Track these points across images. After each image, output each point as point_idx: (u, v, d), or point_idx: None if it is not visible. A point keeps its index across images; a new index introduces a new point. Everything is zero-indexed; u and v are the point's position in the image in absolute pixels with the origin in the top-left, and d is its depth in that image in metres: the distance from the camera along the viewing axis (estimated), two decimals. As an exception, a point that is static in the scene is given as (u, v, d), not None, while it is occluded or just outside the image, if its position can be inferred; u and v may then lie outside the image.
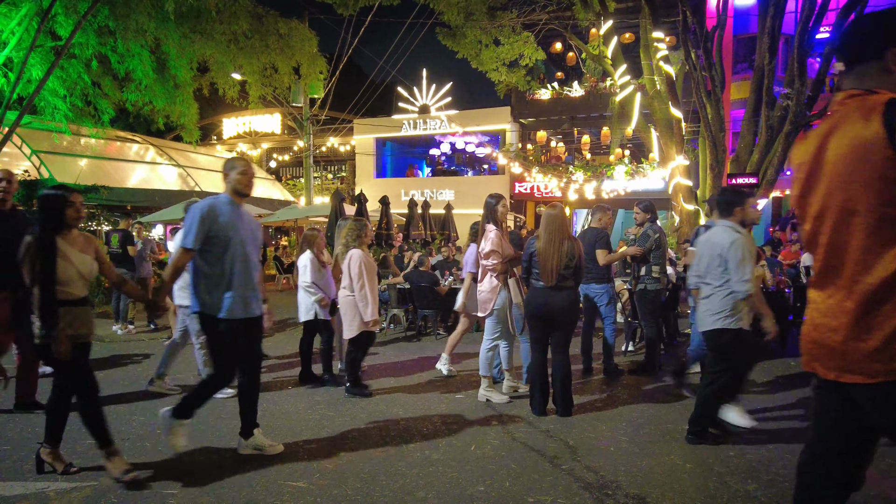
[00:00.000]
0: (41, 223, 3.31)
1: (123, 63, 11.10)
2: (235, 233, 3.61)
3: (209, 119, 21.93)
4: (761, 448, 3.94)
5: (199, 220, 3.48)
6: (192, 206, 3.70)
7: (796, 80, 10.88)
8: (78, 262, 3.36)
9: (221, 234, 3.54)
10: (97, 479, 3.45)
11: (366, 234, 5.27)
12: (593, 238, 5.80)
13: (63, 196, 3.35)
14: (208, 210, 3.53)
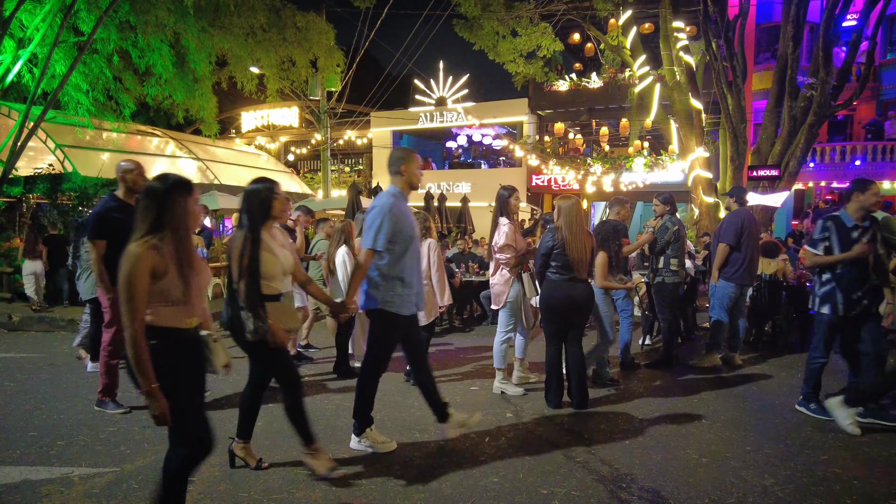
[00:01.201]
0: (249, 217, 3.16)
1: (144, 58, 11.25)
2: (413, 230, 3.61)
3: (228, 112, 22.12)
4: (780, 443, 3.89)
5: (388, 221, 3.44)
6: (378, 205, 3.54)
7: (821, 69, 10.63)
8: (281, 257, 3.29)
9: (405, 232, 3.53)
10: (119, 465, 3.53)
11: (430, 225, 5.50)
12: (609, 231, 5.74)
13: (273, 189, 3.24)
14: (393, 209, 3.48)
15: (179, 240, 2.38)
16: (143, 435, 4.03)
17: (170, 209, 2.38)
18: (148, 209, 2.38)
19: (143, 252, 2.30)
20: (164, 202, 2.37)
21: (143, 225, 2.37)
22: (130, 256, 2.29)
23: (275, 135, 23.43)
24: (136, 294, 2.27)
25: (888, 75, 18.32)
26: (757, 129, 13.56)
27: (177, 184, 2.42)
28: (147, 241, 2.33)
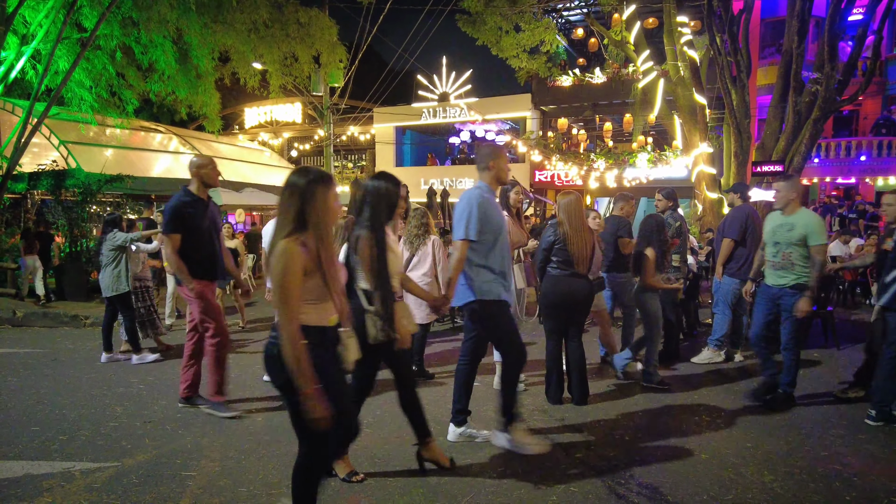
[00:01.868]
0: (374, 215, 3.08)
1: (147, 54, 11.26)
2: (502, 222, 3.68)
3: (231, 109, 22.15)
4: (780, 440, 3.88)
5: (477, 211, 3.51)
6: (465, 198, 3.59)
7: (826, 64, 10.55)
8: (398, 256, 3.30)
9: (494, 223, 3.59)
10: (120, 459, 3.55)
11: (428, 222, 5.55)
12: (615, 226, 5.73)
13: (399, 188, 3.22)
14: (483, 202, 3.55)
15: (321, 235, 2.31)
16: (145, 430, 4.06)
17: (312, 204, 2.30)
18: (290, 205, 2.30)
19: (295, 249, 2.22)
20: (305, 197, 2.29)
21: (287, 221, 2.30)
22: (283, 254, 2.22)
23: (278, 131, 23.45)
24: (291, 293, 2.22)
25: (895, 70, 18.18)
26: (761, 125, 13.48)
27: (318, 178, 2.34)
28: (296, 238, 2.26)
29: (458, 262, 3.52)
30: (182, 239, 4.23)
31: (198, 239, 4.30)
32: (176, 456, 3.61)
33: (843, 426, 4.13)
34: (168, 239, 4.22)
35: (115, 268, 5.94)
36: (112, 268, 5.93)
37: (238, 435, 3.96)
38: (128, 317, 6.01)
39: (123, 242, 5.95)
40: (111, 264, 5.93)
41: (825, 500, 3.07)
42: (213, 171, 4.43)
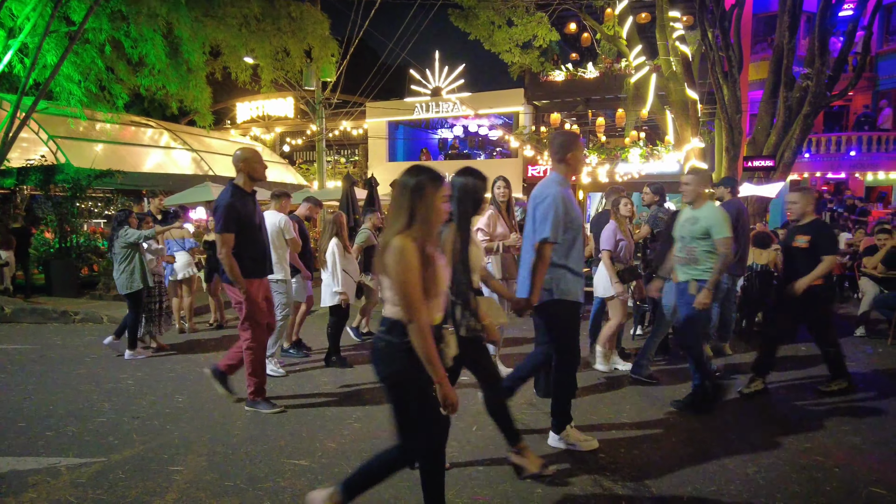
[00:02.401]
0: (461, 210, 3.07)
1: (136, 48, 11.16)
2: (580, 218, 3.55)
3: (222, 103, 22.01)
4: (764, 432, 3.92)
5: (561, 210, 3.36)
6: (548, 195, 3.40)
7: (817, 59, 10.60)
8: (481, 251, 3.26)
9: (575, 221, 3.47)
10: (107, 455, 3.54)
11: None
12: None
13: (484, 183, 3.19)
14: (563, 200, 3.39)
15: (429, 233, 2.32)
16: (133, 426, 4.05)
17: (421, 202, 2.31)
18: (401, 202, 2.33)
19: (411, 245, 2.24)
20: (416, 195, 2.31)
21: (399, 219, 2.31)
22: (400, 252, 2.23)
23: (270, 125, 23.34)
24: (413, 287, 2.23)
25: (885, 65, 18.27)
26: (752, 120, 13.55)
27: (429, 177, 2.35)
28: (410, 235, 2.27)
29: (543, 264, 3.34)
30: (234, 237, 4.10)
31: (250, 235, 4.20)
32: (163, 451, 3.61)
33: (827, 418, 4.17)
34: (222, 239, 4.06)
35: (129, 265, 5.86)
36: (126, 265, 5.86)
37: (227, 430, 3.96)
38: (133, 315, 5.97)
39: (136, 239, 5.88)
40: (124, 262, 5.87)
41: (806, 491, 3.10)
42: (259, 163, 4.33)
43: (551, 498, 3.02)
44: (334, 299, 5.50)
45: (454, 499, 3.01)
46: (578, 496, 3.04)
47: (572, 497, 3.03)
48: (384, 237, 2.33)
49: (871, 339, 6.71)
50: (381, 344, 2.36)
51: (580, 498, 3.02)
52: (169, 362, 5.83)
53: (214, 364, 4.43)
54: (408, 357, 2.28)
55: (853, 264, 9.22)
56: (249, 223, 4.20)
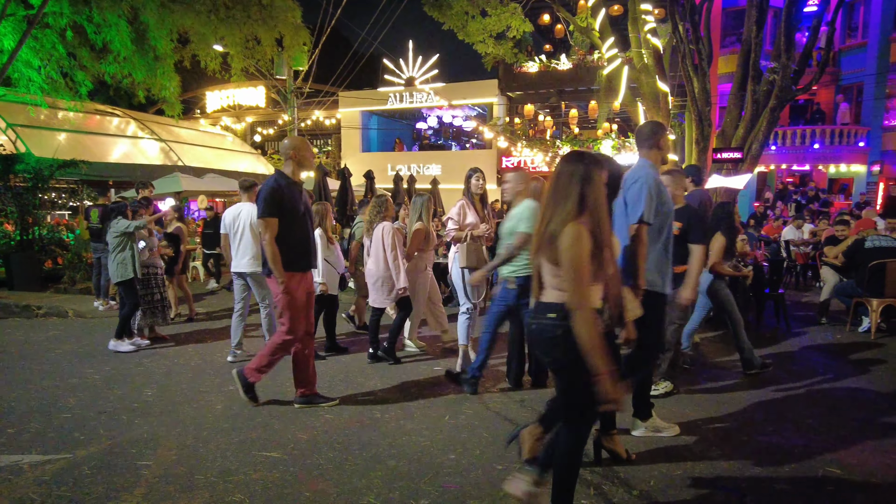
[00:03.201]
0: None
1: (100, 33, 10.82)
2: (670, 204, 3.49)
3: (192, 92, 21.54)
4: (729, 417, 4.03)
5: (654, 193, 3.26)
6: (640, 178, 3.26)
7: (783, 54, 10.82)
8: None
9: (666, 206, 3.38)
10: (72, 451, 3.47)
11: (387, 208, 5.47)
12: None
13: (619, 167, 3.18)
14: (656, 182, 3.32)
15: (599, 218, 2.33)
16: (99, 421, 3.97)
17: (591, 188, 2.33)
18: (570, 189, 2.33)
19: (585, 232, 2.26)
20: (585, 181, 2.32)
21: (566, 206, 2.32)
22: (576, 238, 2.25)
23: (241, 115, 22.93)
24: (584, 274, 2.25)
25: (847, 60, 18.77)
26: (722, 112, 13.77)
27: (595, 162, 2.37)
28: (582, 221, 2.29)
29: (643, 247, 3.22)
30: (279, 225, 3.94)
31: (294, 225, 4.02)
32: (131, 446, 3.55)
33: (787, 402, 4.31)
34: (265, 224, 3.89)
35: (121, 253, 5.86)
36: (117, 253, 5.86)
37: (197, 423, 3.91)
38: (128, 304, 5.92)
39: (126, 228, 5.85)
40: (116, 250, 5.86)
41: (767, 473, 3.20)
42: (308, 152, 4.20)
43: (522, 485, 3.06)
44: (316, 289, 5.46)
45: (425, 487, 3.03)
46: (548, 482, 3.08)
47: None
48: (553, 225, 2.32)
49: (832, 325, 6.94)
50: (559, 331, 2.33)
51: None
52: (137, 356, 5.72)
53: (240, 368, 4.30)
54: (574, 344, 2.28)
55: (816, 254, 9.50)
56: (294, 212, 4.02)
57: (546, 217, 2.37)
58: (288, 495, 2.95)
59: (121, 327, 5.91)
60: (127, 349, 5.87)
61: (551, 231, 2.32)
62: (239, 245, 5.45)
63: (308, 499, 2.92)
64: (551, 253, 2.31)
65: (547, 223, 2.35)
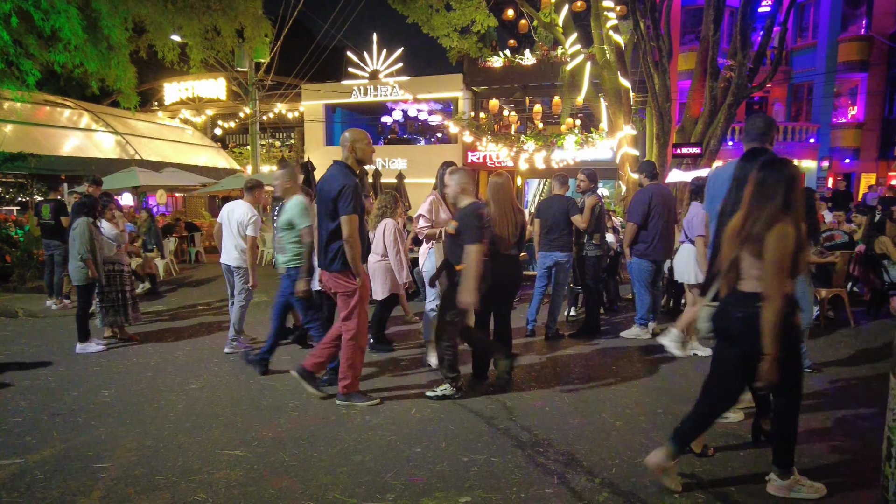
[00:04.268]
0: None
1: (48, 20, 10.36)
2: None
3: (149, 84, 20.88)
4: (687, 405, 4.13)
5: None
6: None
7: (739, 52, 11.15)
8: None
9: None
10: (23, 456, 3.35)
11: (396, 206, 5.74)
12: (564, 205, 5.84)
13: None
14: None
15: (799, 218, 2.63)
16: (53, 423, 3.84)
17: (794, 192, 2.63)
18: (776, 192, 2.63)
19: (792, 231, 2.57)
20: (790, 187, 2.62)
21: (774, 206, 2.62)
22: (785, 237, 2.56)
23: (200, 108, 22.37)
24: (785, 270, 2.57)
25: (799, 60, 19.46)
26: (682, 108, 14.14)
27: (797, 170, 2.68)
28: (788, 221, 2.59)
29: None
30: None
31: (361, 220, 3.98)
32: (87, 448, 3.45)
33: (743, 390, 4.47)
34: (350, 221, 3.82)
35: None
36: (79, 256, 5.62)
37: (156, 423, 3.82)
38: (80, 305, 5.70)
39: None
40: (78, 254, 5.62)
41: (722, 457, 3.32)
42: (368, 145, 4.13)
43: (487, 476, 3.09)
44: None
45: (391, 481, 3.03)
46: (513, 471, 3.13)
47: (508, 472, 3.11)
48: (759, 224, 2.62)
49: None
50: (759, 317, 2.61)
51: (514, 473, 3.11)
52: (94, 356, 5.54)
53: (299, 364, 4.23)
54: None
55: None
56: (362, 207, 4.01)
57: (751, 216, 2.68)
58: (252, 493, 2.91)
59: (81, 329, 5.70)
60: (95, 349, 5.67)
61: (757, 229, 2.63)
62: (228, 239, 5.60)
63: (273, 496, 2.89)
64: (755, 248, 2.63)
65: (753, 221, 2.66)
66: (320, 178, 4.11)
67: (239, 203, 5.63)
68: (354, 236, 3.85)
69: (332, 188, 3.89)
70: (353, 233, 3.84)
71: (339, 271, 3.95)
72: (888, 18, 17.92)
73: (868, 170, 18.73)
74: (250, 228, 5.47)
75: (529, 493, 2.92)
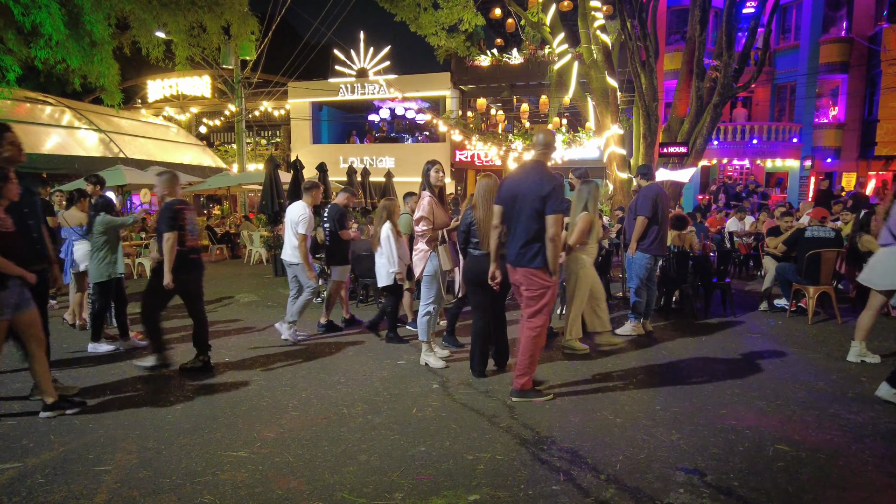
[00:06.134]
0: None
1: (28, 15, 10.16)
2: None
3: (132, 81, 20.58)
4: (685, 402, 4.21)
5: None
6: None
7: (724, 52, 11.31)
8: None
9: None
10: (21, 459, 3.29)
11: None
12: None
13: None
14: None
15: None
16: (49, 426, 3.78)
17: None
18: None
19: None
20: None
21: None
22: None
23: (185, 105, 22.11)
24: None
25: (781, 61, 19.78)
26: (668, 108, 14.28)
27: None
28: None
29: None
30: None
31: None
32: (87, 451, 3.40)
33: (738, 385, 4.54)
34: (559, 221, 3.97)
35: (106, 252, 5.62)
36: (102, 252, 5.60)
37: (156, 425, 3.78)
38: (99, 304, 5.69)
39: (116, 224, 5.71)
40: (101, 248, 5.60)
41: (722, 452, 3.38)
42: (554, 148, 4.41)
43: (493, 473, 3.11)
44: (390, 279, 5.80)
45: (398, 480, 3.04)
46: (518, 469, 3.15)
47: (514, 470, 3.13)
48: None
49: (773, 313, 7.33)
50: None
51: (521, 470, 3.13)
52: (87, 358, 5.46)
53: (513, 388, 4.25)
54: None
55: (757, 244, 10.00)
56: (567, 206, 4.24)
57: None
58: (259, 494, 2.90)
59: (95, 328, 5.68)
60: (106, 349, 5.64)
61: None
62: (286, 237, 6.04)
63: (280, 497, 2.88)
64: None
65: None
66: (512, 178, 4.21)
67: (296, 203, 5.99)
68: (560, 235, 4.02)
69: (543, 188, 3.96)
70: (559, 232, 3.98)
71: (540, 268, 4.04)
72: (868, 21, 18.29)
73: (849, 169, 19.11)
74: (301, 226, 5.80)
75: (537, 490, 2.94)
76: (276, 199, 11.09)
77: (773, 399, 4.25)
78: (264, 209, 11.64)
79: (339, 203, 6.51)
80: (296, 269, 5.94)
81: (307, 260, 5.86)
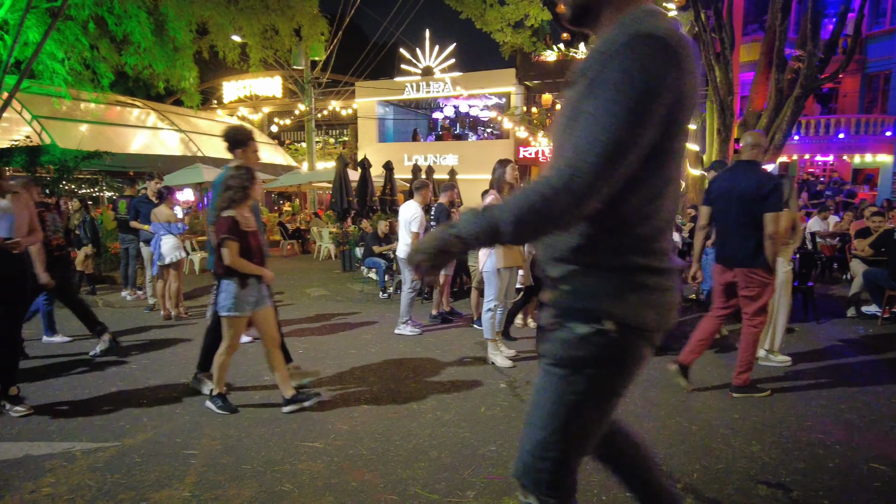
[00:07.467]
0: None
1: (121, 25, 10.91)
2: None
3: (209, 83, 21.65)
4: (766, 411, 4.02)
5: None
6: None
7: (809, 41, 10.65)
8: None
9: None
10: (119, 440, 3.55)
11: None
12: None
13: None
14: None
15: None
16: (142, 410, 4.05)
17: None
18: None
19: None
20: None
21: None
22: None
23: (258, 105, 23.03)
24: None
25: (874, 48, 18.41)
26: (744, 102, 13.61)
27: None
28: None
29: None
30: None
31: None
32: (175, 435, 3.63)
33: (824, 396, 4.29)
34: (778, 217, 4.01)
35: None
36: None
37: (236, 415, 3.97)
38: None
39: None
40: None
41: (809, 467, 3.20)
42: None
43: (565, 477, 3.08)
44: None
45: (470, 478, 3.06)
46: (590, 473, 3.10)
47: (586, 474, 3.09)
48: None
49: (862, 320, 6.87)
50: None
51: (592, 474, 3.08)
52: (172, 346, 5.81)
53: (677, 359, 4.45)
54: None
55: (843, 246, 9.38)
56: None
57: None
58: (336, 486, 3.00)
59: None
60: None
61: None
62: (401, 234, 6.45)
63: (356, 489, 2.97)
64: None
65: None
66: (724, 179, 4.27)
67: (409, 203, 6.43)
68: (779, 233, 4.04)
69: (762, 187, 4.02)
70: (778, 229, 4.02)
71: (763, 267, 4.09)
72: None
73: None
74: (413, 224, 6.22)
75: (611, 495, 2.90)
76: (346, 196, 11.38)
77: (866, 413, 3.99)
78: (334, 206, 11.98)
79: (443, 202, 6.91)
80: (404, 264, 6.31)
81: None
